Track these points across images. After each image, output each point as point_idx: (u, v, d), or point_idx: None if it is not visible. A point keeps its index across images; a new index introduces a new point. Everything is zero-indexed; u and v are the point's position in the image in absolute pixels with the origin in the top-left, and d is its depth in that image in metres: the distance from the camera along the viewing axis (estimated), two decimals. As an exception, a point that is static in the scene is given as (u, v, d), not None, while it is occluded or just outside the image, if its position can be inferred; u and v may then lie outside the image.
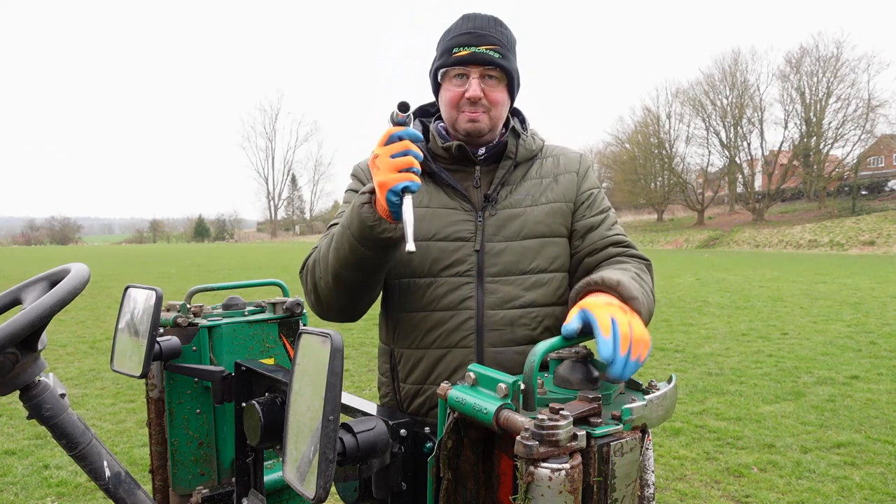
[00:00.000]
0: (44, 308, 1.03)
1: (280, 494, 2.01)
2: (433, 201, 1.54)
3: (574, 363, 1.13)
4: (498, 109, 1.51)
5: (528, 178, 1.58)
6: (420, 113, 1.68)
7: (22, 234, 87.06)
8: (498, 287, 1.49)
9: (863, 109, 41.70)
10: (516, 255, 1.51)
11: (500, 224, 1.52)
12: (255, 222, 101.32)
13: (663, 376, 6.50)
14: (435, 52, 1.57)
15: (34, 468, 4.17)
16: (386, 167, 1.28)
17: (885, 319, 9.89)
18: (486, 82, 1.48)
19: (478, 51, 1.46)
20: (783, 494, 3.78)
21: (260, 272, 21.94)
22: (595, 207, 1.60)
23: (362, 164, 1.64)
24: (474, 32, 1.47)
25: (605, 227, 1.57)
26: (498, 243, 1.51)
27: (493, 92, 1.49)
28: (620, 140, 56.03)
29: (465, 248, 1.50)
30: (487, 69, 1.47)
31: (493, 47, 1.47)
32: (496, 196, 1.54)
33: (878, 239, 32.28)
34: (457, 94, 1.49)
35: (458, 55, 1.47)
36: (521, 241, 1.52)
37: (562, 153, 1.65)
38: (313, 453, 0.93)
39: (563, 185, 1.59)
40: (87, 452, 1.15)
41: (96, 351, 7.96)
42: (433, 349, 1.50)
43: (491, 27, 1.49)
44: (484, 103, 1.48)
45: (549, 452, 0.85)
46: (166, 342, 1.80)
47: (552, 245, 1.54)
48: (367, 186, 1.36)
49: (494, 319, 1.48)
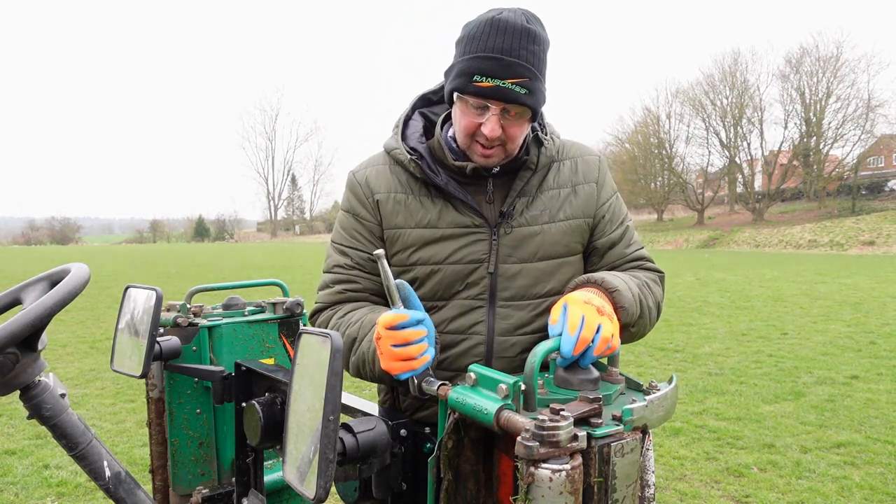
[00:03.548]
0: (44, 308, 1.03)
1: (280, 494, 2.00)
2: (443, 219, 1.43)
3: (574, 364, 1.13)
4: (516, 143, 1.38)
5: (545, 189, 1.47)
6: (422, 102, 1.57)
7: (22, 234, 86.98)
8: (510, 312, 1.42)
9: (863, 109, 41.72)
10: (531, 278, 1.43)
11: (515, 244, 1.43)
12: (255, 222, 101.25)
13: (663, 376, 6.50)
14: (455, 47, 1.38)
15: (34, 468, 4.17)
16: (388, 355, 1.20)
17: (885, 319, 9.89)
18: (506, 117, 1.33)
19: (502, 85, 1.28)
20: (783, 494, 3.78)
21: (260, 272, 21.93)
22: (615, 221, 1.52)
23: (358, 175, 1.52)
24: (501, 60, 1.27)
25: (625, 244, 1.53)
26: (512, 265, 1.43)
27: (513, 128, 1.34)
28: (620, 140, 56.10)
29: (479, 272, 1.42)
30: (510, 105, 1.31)
31: (521, 80, 1.28)
32: (512, 211, 1.44)
33: (877, 239, 32.27)
34: (472, 124, 1.34)
35: (479, 85, 1.28)
36: (536, 264, 1.44)
37: (580, 156, 1.54)
38: (313, 453, 0.93)
39: (582, 197, 1.49)
40: (87, 452, 1.15)
41: (96, 351, 7.96)
42: (440, 371, 1.42)
43: (522, 47, 1.28)
44: (501, 138, 1.34)
45: (550, 453, 0.85)
46: (166, 342, 1.79)
47: (567, 266, 1.47)
48: None
49: (505, 346, 1.43)
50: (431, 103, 1.58)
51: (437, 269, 1.43)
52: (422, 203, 1.45)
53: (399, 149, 1.46)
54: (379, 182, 1.49)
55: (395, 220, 1.46)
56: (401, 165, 1.47)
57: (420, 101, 1.57)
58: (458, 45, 1.36)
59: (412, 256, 1.45)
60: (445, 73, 1.41)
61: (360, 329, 1.38)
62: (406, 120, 1.54)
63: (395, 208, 1.46)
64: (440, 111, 1.55)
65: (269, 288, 9.16)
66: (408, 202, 1.46)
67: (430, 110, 1.56)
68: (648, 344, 7.98)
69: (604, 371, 1.19)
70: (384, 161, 1.51)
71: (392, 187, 1.47)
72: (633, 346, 7.83)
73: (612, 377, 1.17)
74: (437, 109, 1.57)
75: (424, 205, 1.45)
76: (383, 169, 1.50)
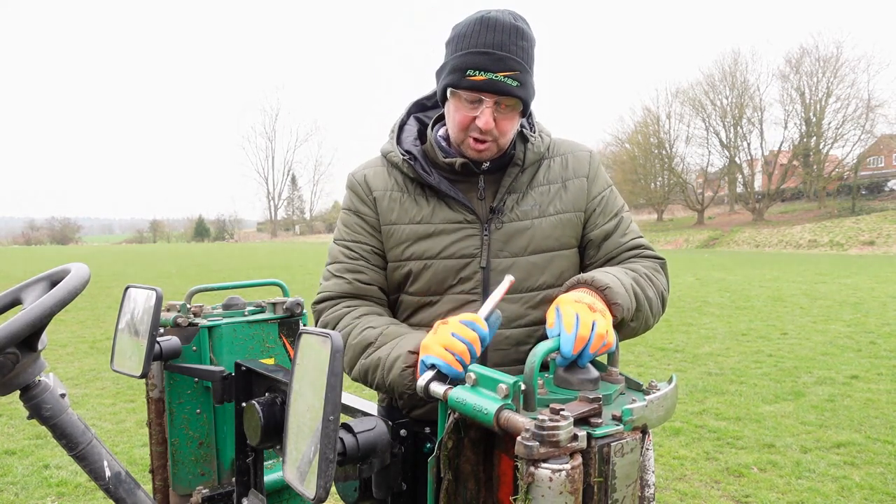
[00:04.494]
0: (44, 308, 1.03)
1: (280, 494, 2.01)
2: (435, 216, 1.48)
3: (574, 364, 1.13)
4: (507, 137, 1.43)
5: (535, 185, 1.51)
6: (416, 107, 1.62)
7: (22, 234, 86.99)
8: (504, 306, 1.42)
9: (862, 109, 41.73)
10: (523, 271, 1.46)
11: (506, 238, 1.46)
12: (255, 222, 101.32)
13: (663, 376, 6.50)
14: (445, 48, 1.43)
15: (34, 468, 4.17)
16: (441, 339, 1.19)
17: (885, 319, 9.89)
18: (499, 110, 1.38)
19: (495, 78, 1.33)
20: (783, 494, 3.78)
21: (260, 272, 21.94)
22: (608, 212, 1.54)
23: (357, 175, 1.57)
24: (492, 54, 1.33)
25: (620, 233, 1.54)
26: (504, 259, 1.46)
27: (505, 120, 1.39)
28: (620, 140, 56.11)
29: (471, 266, 1.45)
30: (503, 98, 1.36)
31: (512, 74, 1.34)
32: (502, 207, 1.47)
33: (877, 239, 32.27)
34: (466, 118, 1.39)
35: (473, 79, 1.34)
36: (528, 257, 1.47)
37: (570, 152, 1.57)
38: (313, 453, 0.93)
39: (572, 192, 1.52)
40: (87, 452, 1.15)
41: (96, 351, 7.96)
42: None
43: (512, 42, 1.34)
44: (494, 133, 1.39)
45: (550, 453, 0.85)
46: (166, 342, 1.80)
47: (560, 259, 1.50)
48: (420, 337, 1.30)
49: (499, 339, 1.44)
50: (426, 108, 1.63)
51: (429, 264, 1.46)
52: (416, 201, 1.50)
53: (394, 151, 1.52)
54: (377, 181, 1.54)
55: (390, 216, 1.51)
56: (396, 167, 1.53)
57: (415, 107, 1.62)
58: (448, 44, 1.42)
59: (406, 251, 1.49)
60: (437, 72, 1.47)
61: (379, 337, 1.38)
62: (402, 125, 1.59)
63: (390, 205, 1.51)
64: (434, 116, 1.59)
65: (269, 288, 9.16)
66: (402, 200, 1.51)
67: (424, 115, 1.61)
68: (648, 344, 7.98)
69: (604, 371, 1.19)
70: (381, 163, 1.57)
71: (388, 186, 1.53)
72: (632, 346, 7.83)
73: (612, 377, 1.17)
74: (431, 114, 1.61)
75: (418, 202, 1.50)
76: (381, 170, 1.56)
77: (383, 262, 1.53)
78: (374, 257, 1.52)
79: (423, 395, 1.14)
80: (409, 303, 1.52)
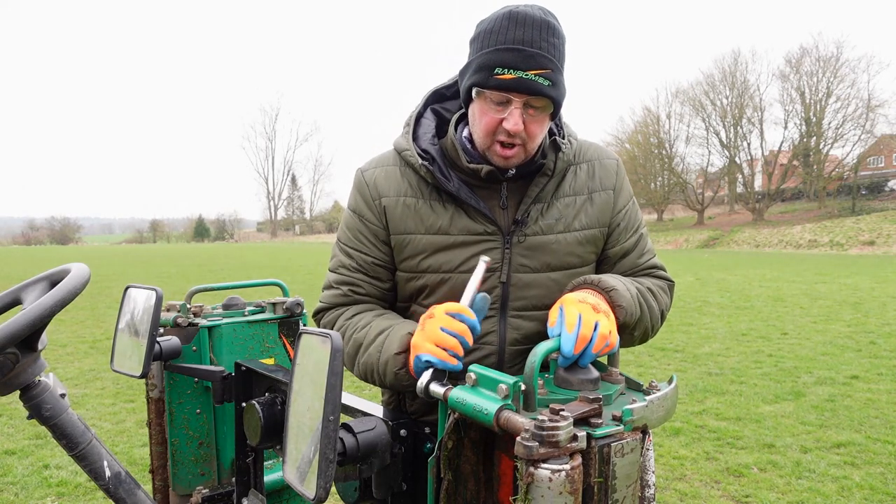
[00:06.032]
0: (44, 308, 1.03)
1: (280, 494, 2.01)
2: (454, 226, 1.38)
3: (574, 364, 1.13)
4: (536, 141, 1.33)
5: (560, 195, 1.42)
6: (434, 97, 1.50)
7: (22, 234, 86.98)
8: (521, 323, 1.39)
9: (862, 109, 41.73)
10: (544, 288, 1.40)
11: (528, 253, 1.39)
12: (255, 222, 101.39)
13: (663, 376, 6.50)
14: (469, 46, 1.33)
15: (34, 468, 4.17)
16: (430, 335, 1.18)
17: (885, 319, 9.89)
18: (529, 112, 1.28)
19: (525, 76, 1.23)
20: (783, 494, 3.77)
21: (260, 272, 21.92)
22: (630, 228, 1.49)
23: (367, 174, 1.46)
24: (523, 51, 1.23)
25: (637, 254, 1.51)
26: (525, 275, 1.39)
27: (535, 123, 1.29)
28: (620, 140, 56.06)
29: (491, 280, 1.38)
30: (533, 98, 1.26)
31: (544, 72, 1.23)
32: (526, 219, 1.39)
33: (878, 239, 32.26)
34: (493, 120, 1.29)
35: (501, 78, 1.24)
36: (549, 274, 1.40)
37: (597, 159, 1.49)
38: (313, 453, 0.93)
39: (598, 205, 1.45)
40: (87, 452, 1.15)
41: (96, 351, 7.95)
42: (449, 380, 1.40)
43: (543, 39, 1.24)
44: (522, 136, 1.29)
45: (550, 453, 0.85)
46: (166, 342, 1.80)
47: (579, 275, 1.43)
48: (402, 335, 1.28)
49: (516, 357, 1.40)
50: (444, 98, 1.51)
51: (447, 278, 1.39)
52: (432, 208, 1.40)
53: (410, 150, 1.41)
54: (388, 185, 1.43)
55: (404, 225, 1.41)
56: (411, 168, 1.42)
57: (433, 97, 1.50)
58: (473, 42, 1.32)
59: (422, 263, 1.41)
60: (461, 71, 1.37)
61: (367, 334, 1.37)
62: (418, 117, 1.48)
63: (404, 213, 1.41)
64: (453, 107, 1.49)
65: (269, 288, 9.17)
66: (418, 206, 1.41)
67: (442, 106, 1.50)
68: (648, 344, 7.97)
69: (604, 371, 1.19)
70: (394, 161, 1.46)
71: (401, 190, 1.42)
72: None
73: (612, 377, 1.17)
74: (449, 105, 1.50)
75: (435, 209, 1.40)
76: (393, 170, 1.45)
77: (384, 271, 1.46)
78: (374, 269, 1.45)
79: (424, 396, 1.14)
80: (421, 314, 1.44)
